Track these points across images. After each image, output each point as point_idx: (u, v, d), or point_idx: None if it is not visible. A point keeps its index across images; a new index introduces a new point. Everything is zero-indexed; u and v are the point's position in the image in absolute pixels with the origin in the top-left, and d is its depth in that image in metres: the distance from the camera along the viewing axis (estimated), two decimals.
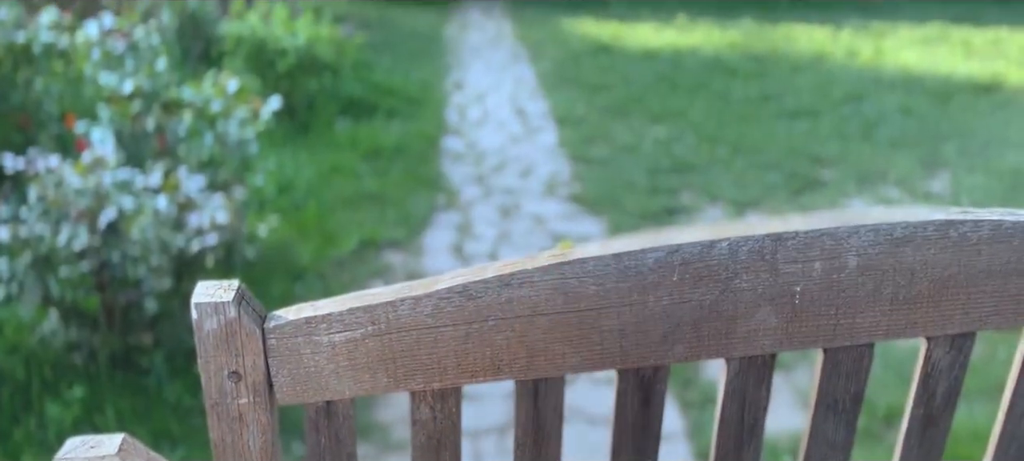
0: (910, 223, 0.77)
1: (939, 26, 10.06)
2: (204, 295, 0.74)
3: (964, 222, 0.78)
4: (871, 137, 6.21)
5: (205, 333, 0.74)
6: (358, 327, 0.74)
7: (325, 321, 0.74)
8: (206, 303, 0.73)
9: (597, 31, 10.00)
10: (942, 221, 0.78)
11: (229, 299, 0.73)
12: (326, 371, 0.75)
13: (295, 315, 0.75)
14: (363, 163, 5.48)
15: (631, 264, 0.74)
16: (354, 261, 4.21)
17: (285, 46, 5.76)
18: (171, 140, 3.83)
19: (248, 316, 0.74)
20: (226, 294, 0.74)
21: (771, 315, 0.78)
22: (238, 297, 0.74)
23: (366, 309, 0.73)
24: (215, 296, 0.74)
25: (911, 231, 0.77)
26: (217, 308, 0.73)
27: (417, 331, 0.74)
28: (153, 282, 3.03)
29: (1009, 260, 0.80)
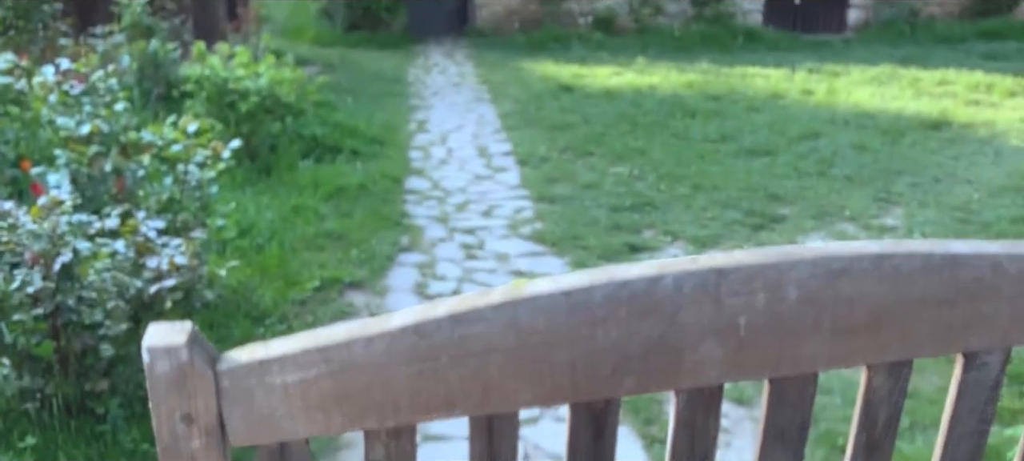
0: (846, 256, 0.80)
1: (889, 67, 10.36)
2: (156, 338, 0.74)
3: (896, 255, 0.82)
4: (827, 174, 6.35)
5: (157, 376, 0.73)
6: (311, 367, 0.74)
7: (278, 362, 0.74)
8: (158, 346, 0.73)
9: (558, 72, 10.13)
10: (876, 254, 0.81)
11: (181, 341, 0.73)
12: (279, 412, 0.75)
13: (248, 357, 0.75)
14: (326, 204, 5.46)
15: (580, 300, 0.76)
16: (316, 302, 4.18)
17: (247, 88, 5.75)
18: (130, 183, 3.79)
19: (200, 358, 0.74)
20: (178, 336, 0.74)
21: (717, 347, 0.80)
22: (190, 339, 0.74)
23: (319, 349, 0.74)
24: (167, 339, 0.73)
25: (847, 264, 0.81)
26: (169, 351, 0.73)
27: (370, 370, 0.74)
28: (110, 326, 2.98)
29: (940, 290, 0.84)
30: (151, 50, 6.80)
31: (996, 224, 5.25)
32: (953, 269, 0.85)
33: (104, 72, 4.50)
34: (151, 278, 3.12)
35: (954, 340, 0.89)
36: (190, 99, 6.08)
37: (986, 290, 0.87)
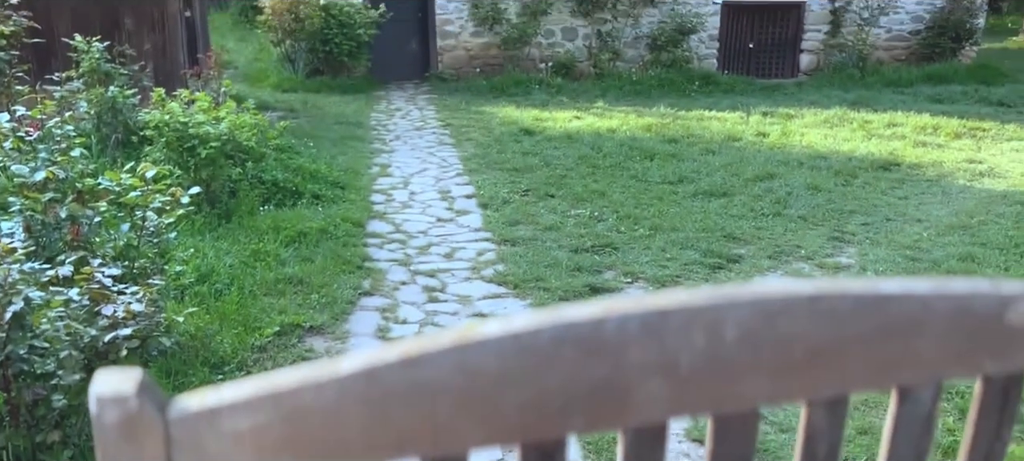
0: (781, 297, 0.84)
1: (840, 110, 10.66)
2: (104, 386, 0.72)
3: (830, 295, 0.86)
4: (782, 214, 6.49)
5: (105, 425, 0.72)
6: (262, 413, 0.74)
7: (229, 408, 0.74)
8: (106, 394, 0.72)
9: (519, 116, 10.25)
10: (811, 294, 0.85)
11: (130, 389, 0.72)
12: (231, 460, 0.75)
13: (198, 403, 0.74)
14: (286, 249, 5.44)
15: (528, 342, 0.78)
16: (276, 348, 4.14)
17: (207, 133, 5.73)
18: (86, 230, 3.75)
19: (150, 406, 0.73)
20: (127, 384, 0.72)
21: (660, 385, 0.83)
22: (140, 387, 0.73)
23: (270, 395, 0.74)
24: (116, 386, 0.72)
25: (783, 305, 0.84)
26: (117, 399, 0.72)
27: (322, 415, 0.75)
28: (62, 376, 2.93)
29: (873, 328, 0.88)
30: (109, 96, 6.75)
31: (945, 261, 5.40)
32: (884, 308, 0.89)
33: (61, 118, 4.46)
34: (106, 326, 3.08)
35: (888, 376, 0.93)
36: (149, 145, 6.03)
37: (916, 327, 0.91)
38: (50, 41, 7.54)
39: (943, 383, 0.98)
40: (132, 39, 8.36)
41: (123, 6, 8.49)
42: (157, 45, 8.59)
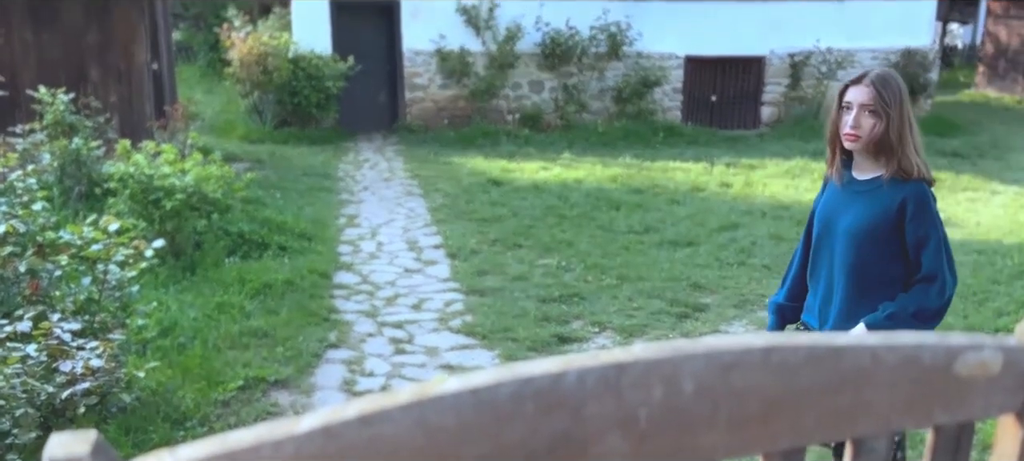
0: (736, 350, 0.86)
1: (801, 160, 10.88)
2: (58, 448, 0.71)
3: (783, 348, 0.88)
4: (746, 263, 6.57)
5: None
6: None
7: None
8: (60, 457, 0.71)
9: (487, 167, 10.32)
10: (764, 347, 0.88)
11: (84, 452, 0.71)
12: None
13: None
14: (252, 301, 5.38)
15: (487, 398, 0.79)
16: (240, 403, 4.08)
17: (173, 185, 5.69)
18: (45, 284, 3.69)
19: None
20: (81, 447, 0.72)
21: (620, 439, 0.85)
22: (94, 449, 0.72)
23: (227, 455, 0.73)
24: (69, 449, 0.71)
25: (737, 358, 0.87)
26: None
27: None
28: (17, 435, 2.86)
29: (825, 380, 0.91)
30: (73, 147, 6.69)
31: None
32: (836, 360, 0.92)
33: (23, 171, 4.41)
34: (64, 382, 3.02)
35: (842, 427, 0.95)
36: (113, 197, 5.97)
37: (867, 379, 0.94)
38: (13, 93, 7.47)
39: (904, 433, 1.01)
40: (98, 91, 8.31)
41: (89, 58, 8.46)
42: (123, 97, 8.55)
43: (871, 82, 2.42)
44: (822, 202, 2.65)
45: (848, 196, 2.54)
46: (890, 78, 2.45)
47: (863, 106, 2.42)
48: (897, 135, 2.42)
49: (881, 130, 2.41)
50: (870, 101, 2.41)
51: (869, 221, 2.46)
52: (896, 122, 2.41)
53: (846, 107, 2.46)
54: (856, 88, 2.45)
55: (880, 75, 2.45)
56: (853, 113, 2.43)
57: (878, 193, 2.48)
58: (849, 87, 2.47)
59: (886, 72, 2.47)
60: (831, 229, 2.56)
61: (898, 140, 2.42)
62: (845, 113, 2.46)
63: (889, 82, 2.43)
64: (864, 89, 2.43)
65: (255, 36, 11.93)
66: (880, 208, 2.47)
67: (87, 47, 8.45)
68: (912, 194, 2.45)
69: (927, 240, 2.44)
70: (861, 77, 2.45)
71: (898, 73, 2.58)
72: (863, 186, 2.53)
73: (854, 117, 2.43)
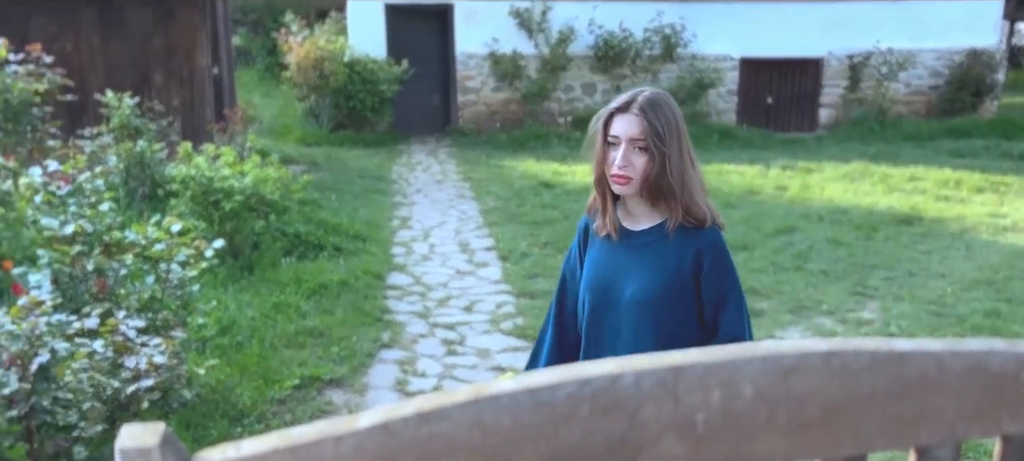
0: (795, 354, 0.85)
1: (860, 164, 10.64)
2: (129, 440, 0.74)
3: (844, 352, 0.87)
4: (803, 268, 6.45)
5: None
6: None
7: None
8: (130, 448, 0.73)
9: (539, 170, 10.32)
10: (825, 352, 0.86)
11: (154, 443, 0.74)
12: None
13: (219, 457, 0.76)
14: (307, 301, 5.47)
15: (544, 398, 0.79)
16: (295, 401, 4.15)
17: (232, 187, 5.83)
18: (111, 282, 3.81)
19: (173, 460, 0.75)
20: (151, 438, 0.74)
21: (676, 443, 0.84)
22: (163, 441, 0.74)
23: (289, 449, 0.75)
24: (140, 440, 0.74)
25: (797, 361, 0.85)
26: (141, 452, 0.73)
27: None
28: (84, 428, 2.95)
29: (888, 386, 0.89)
30: (138, 150, 6.89)
31: (970, 317, 5.33)
32: (899, 366, 0.89)
33: (91, 173, 4.56)
34: (128, 378, 3.11)
35: (905, 435, 0.93)
36: (175, 198, 6.14)
37: (932, 386, 0.91)
38: (82, 97, 7.73)
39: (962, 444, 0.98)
40: (162, 95, 8.56)
41: (154, 63, 8.71)
42: (185, 101, 8.78)
43: (640, 110, 1.94)
44: (591, 262, 2.12)
45: (625, 254, 2.05)
46: (662, 103, 1.97)
47: (632, 141, 1.94)
48: (678, 175, 1.96)
49: (656, 170, 1.94)
50: (640, 134, 1.93)
51: (661, 285, 2.00)
52: (675, 159, 1.95)
53: (612, 142, 1.97)
54: (622, 118, 1.96)
55: (650, 100, 1.95)
56: (620, 149, 1.95)
57: (663, 247, 2.02)
58: (614, 116, 1.98)
59: (657, 95, 1.98)
60: (612, 298, 2.06)
61: (679, 181, 1.96)
62: (611, 150, 1.97)
63: (661, 108, 1.96)
64: (632, 119, 1.95)
65: (312, 41, 12.14)
66: (671, 266, 2.01)
67: (152, 52, 8.70)
68: (707, 244, 2.01)
69: (726, 299, 2.02)
70: (627, 103, 1.96)
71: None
72: (643, 240, 2.05)
73: (622, 154, 1.94)
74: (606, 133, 1.98)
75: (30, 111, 5.39)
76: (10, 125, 5.26)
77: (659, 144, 1.92)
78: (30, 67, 5.64)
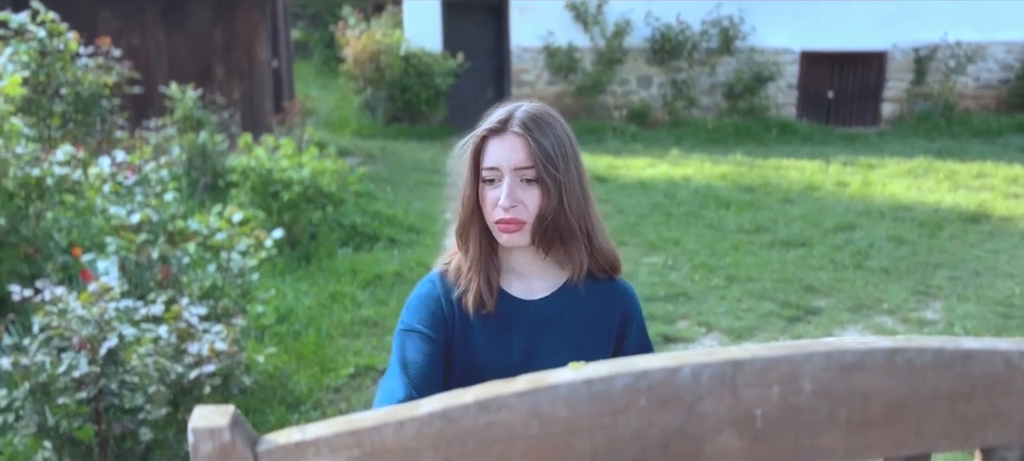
0: (858, 350, 0.84)
1: (925, 160, 10.35)
2: (201, 419, 0.78)
3: (908, 349, 0.85)
4: (863, 266, 6.31)
5: (200, 456, 0.78)
6: (344, 451, 0.78)
7: (313, 445, 0.78)
8: (202, 427, 0.77)
9: (593, 163, 10.27)
10: (888, 348, 0.84)
11: (224, 423, 0.77)
12: None
13: (285, 439, 0.79)
14: (363, 291, 5.55)
15: (601, 389, 0.80)
16: (350, 389, 4.22)
17: (290, 178, 5.94)
18: (175, 270, 3.92)
19: (241, 440, 0.78)
20: (221, 419, 0.78)
21: (735, 438, 0.83)
22: (232, 422, 0.78)
23: (352, 433, 0.77)
24: (211, 421, 0.78)
25: (860, 358, 0.84)
26: (212, 432, 0.77)
27: (400, 454, 0.78)
28: (150, 411, 3.05)
29: (953, 385, 0.87)
30: (200, 142, 7.07)
31: None
32: (965, 364, 0.87)
33: (156, 163, 4.69)
34: (191, 363, 3.19)
35: (971, 435, 0.90)
36: (235, 189, 6.28)
37: (1000, 385, 0.89)
38: (148, 90, 7.96)
39: None
40: (223, 87, 8.76)
41: (215, 57, 8.92)
42: (246, 93, 8.97)
43: (522, 128, 1.45)
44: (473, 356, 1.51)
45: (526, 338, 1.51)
46: (547, 118, 1.49)
47: (518, 171, 1.45)
48: (579, 211, 1.48)
49: (552, 206, 1.45)
50: (527, 160, 1.45)
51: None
52: (574, 189, 1.47)
53: (489, 178, 1.48)
54: (499, 143, 1.47)
55: (533, 116, 1.47)
56: (504, 184, 1.45)
57: (575, 317, 1.54)
58: (487, 141, 1.49)
59: (539, 110, 1.49)
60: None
61: (581, 218, 1.49)
62: (488, 188, 1.48)
63: (549, 124, 1.48)
64: (513, 142, 1.46)
65: (369, 34, 12.28)
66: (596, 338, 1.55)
67: (213, 47, 8.91)
68: (627, 303, 1.59)
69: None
70: (503, 122, 1.48)
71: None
72: (546, 312, 1.52)
73: (507, 190, 1.45)
74: (477, 166, 1.49)
75: (99, 103, 5.56)
76: (81, 116, 5.45)
77: (552, 171, 1.44)
78: (100, 60, 5.82)
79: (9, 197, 3.86)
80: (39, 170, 3.88)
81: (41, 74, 5.15)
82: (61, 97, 5.37)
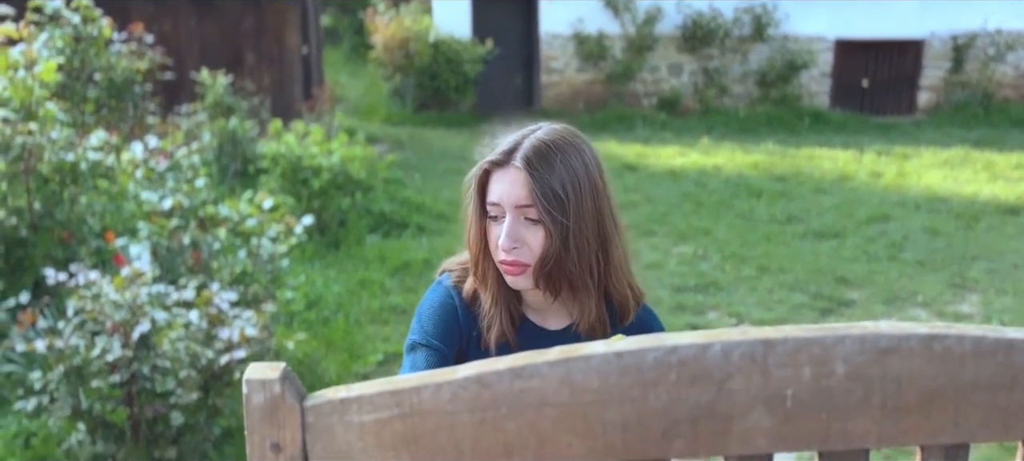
0: (894, 335, 0.81)
1: (962, 150, 10.15)
2: (254, 373, 0.84)
3: (947, 336, 0.82)
4: (897, 258, 6.21)
5: (253, 406, 0.84)
6: (385, 409, 0.83)
7: (356, 402, 0.83)
8: (256, 380, 0.83)
9: (622, 152, 10.21)
10: (925, 335, 0.82)
11: (275, 377, 0.83)
12: (356, 448, 0.84)
13: (331, 395, 0.84)
14: (391, 278, 5.57)
15: (631, 362, 0.81)
16: (379, 375, 4.24)
17: (320, 165, 5.97)
18: (205, 255, 3.96)
19: (290, 394, 0.84)
20: (273, 373, 0.84)
21: (765, 416, 0.82)
22: (283, 376, 0.84)
23: (393, 393, 0.82)
24: (263, 374, 0.84)
25: (895, 342, 0.81)
26: (264, 385, 0.83)
27: (437, 415, 0.82)
28: (181, 395, 3.08)
29: (994, 375, 0.84)
30: (231, 128, 7.13)
31: None
32: (1007, 354, 0.84)
33: (188, 149, 4.74)
34: (222, 349, 3.22)
35: (1012, 427, 0.87)
36: (265, 175, 6.33)
37: None
38: (180, 76, 8.04)
39: None
40: (253, 74, 8.82)
41: (245, 43, 8.99)
42: (275, 80, 9.03)
43: (525, 163, 1.31)
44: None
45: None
46: (557, 148, 1.32)
47: (519, 209, 1.32)
48: (587, 260, 1.35)
49: (553, 251, 1.31)
50: (526, 199, 1.31)
51: None
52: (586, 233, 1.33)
53: (492, 216, 1.36)
54: (502, 176, 1.34)
55: (539, 147, 1.32)
56: (505, 223, 1.33)
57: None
58: (491, 173, 1.36)
59: (551, 137, 1.34)
60: None
61: (590, 267, 1.36)
62: (494, 224, 1.36)
63: (556, 156, 1.32)
64: (514, 177, 1.32)
65: (398, 21, 12.30)
66: None
67: (244, 33, 8.97)
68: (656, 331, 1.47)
69: None
70: (507, 154, 1.34)
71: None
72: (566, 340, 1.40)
73: (508, 230, 1.32)
74: (482, 199, 1.36)
75: (132, 89, 5.63)
76: (114, 102, 5.52)
77: (556, 213, 1.30)
78: (132, 46, 5.89)
79: (44, 182, 3.92)
80: (73, 155, 3.94)
81: (75, 60, 5.21)
82: (95, 83, 5.44)
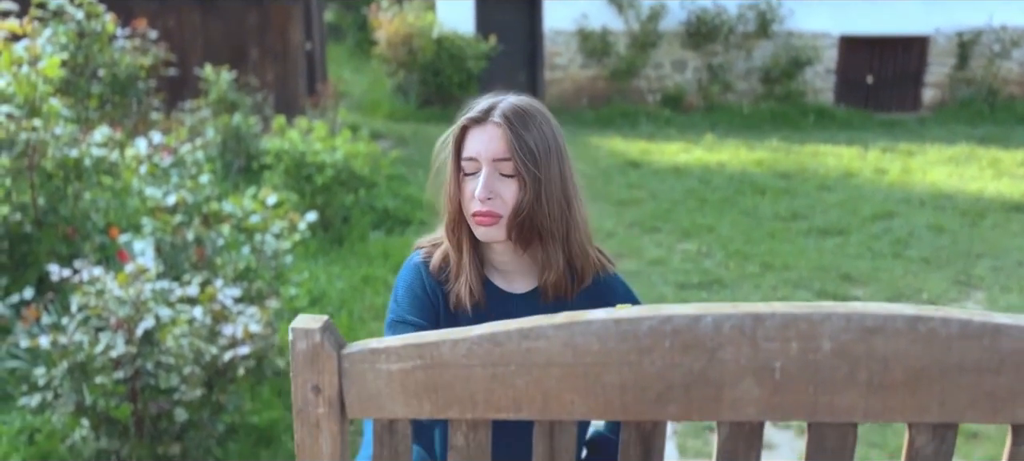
0: (880, 315, 0.83)
1: (967, 147, 10.12)
2: (299, 322, 0.96)
3: (933, 318, 0.84)
4: (902, 255, 6.20)
5: (297, 352, 0.96)
6: (409, 360, 0.94)
7: (385, 353, 0.95)
8: (300, 328, 0.96)
9: (626, 148, 10.21)
10: (911, 316, 0.83)
11: (317, 327, 0.95)
12: (384, 394, 0.96)
13: (363, 347, 0.96)
14: (394, 275, 5.58)
15: (629, 329, 0.88)
16: None
17: (323, 161, 5.98)
18: (209, 251, 3.97)
19: (330, 342, 0.95)
20: (315, 323, 0.96)
21: (754, 386, 0.87)
22: (323, 327, 0.96)
23: (416, 346, 0.94)
24: (307, 324, 0.96)
25: (881, 322, 0.83)
26: (307, 333, 0.95)
27: (454, 368, 0.93)
28: (185, 391, 3.08)
29: (980, 358, 0.85)
30: (234, 124, 7.14)
31: None
32: (994, 338, 0.85)
33: (191, 145, 4.75)
34: (226, 345, 3.22)
35: (1000, 409, 0.89)
36: (269, 171, 6.34)
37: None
38: (183, 72, 8.06)
39: None
40: (257, 70, 8.85)
41: (249, 39, 9.01)
42: (279, 76, 9.05)
43: (503, 119, 1.43)
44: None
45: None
46: (532, 112, 1.46)
47: (496, 163, 1.43)
48: (559, 210, 1.46)
49: (528, 201, 1.42)
50: (505, 152, 1.42)
51: None
52: (555, 187, 1.45)
53: (468, 172, 1.46)
54: (479, 132, 1.45)
55: (516, 108, 1.45)
56: (482, 175, 1.43)
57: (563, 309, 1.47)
58: (467, 131, 1.47)
59: (525, 102, 1.47)
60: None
61: (561, 219, 1.46)
62: (468, 180, 1.46)
63: (532, 118, 1.45)
64: (492, 132, 1.44)
65: (401, 17, 12.30)
66: None
67: (247, 29, 8.99)
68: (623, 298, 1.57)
69: None
70: (485, 112, 1.46)
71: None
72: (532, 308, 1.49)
73: (484, 182, 1.42)
74: (458, 156, 1.47)
75: (136, 85, 5.65)
76: (118, 98, 5.53)
77: (531, 166, 1.41)
78: (136, 42, 5.90)
79: (48, 177, 3.94)
80: (77, 151, 3.95)
81: (79, 56, 5.23)
82: (98, 79, 5.46)
